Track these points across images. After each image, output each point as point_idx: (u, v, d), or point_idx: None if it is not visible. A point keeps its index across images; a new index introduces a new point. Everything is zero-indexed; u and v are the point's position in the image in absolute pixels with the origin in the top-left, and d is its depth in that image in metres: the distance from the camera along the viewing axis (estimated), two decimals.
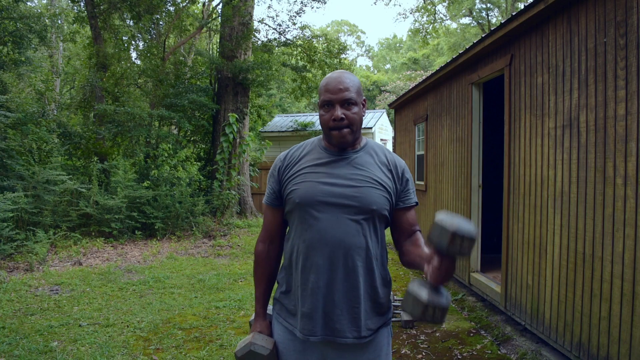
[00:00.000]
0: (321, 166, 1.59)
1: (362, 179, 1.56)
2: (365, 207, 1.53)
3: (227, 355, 3.68)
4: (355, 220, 1.52)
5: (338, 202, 1.52)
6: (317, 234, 1.52)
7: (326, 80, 1.58)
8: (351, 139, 1.57)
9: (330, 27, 50.18)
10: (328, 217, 1.52)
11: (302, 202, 1.55)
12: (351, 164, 1.59)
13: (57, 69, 17.73)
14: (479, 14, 27.95)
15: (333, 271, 1.52)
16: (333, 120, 1.54)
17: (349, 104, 1.54)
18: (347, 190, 1.54)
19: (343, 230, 1.51)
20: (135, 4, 10.90)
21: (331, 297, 1.52)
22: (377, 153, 1.65)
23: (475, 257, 5.19)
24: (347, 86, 1.54)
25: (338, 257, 1.51)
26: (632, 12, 2.67)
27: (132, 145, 11.01)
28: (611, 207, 2.83)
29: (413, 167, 7.90)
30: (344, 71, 1.60)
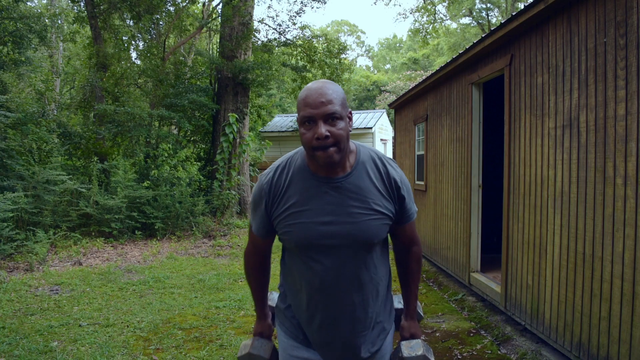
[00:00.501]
0: (312, 200, 1.43)
1: (359, 212, 1.43)
2: (368, 242, 1.46)
3: (227, 355, 3.68)
4: (356, 258, 1.46)
5: (337, 243, 1.43)
6: (319, 277, 1.47)
7: (305, 93, 1.37)
8: (338, 158, 1.37)
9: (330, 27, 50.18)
10: (329, 261, 1.45)
11: (299, 246, 1.46)
12: (344, 192, 1.43)
13: (57, 69, 17.73)
14: (479, 14, 27.95)
15: (338, 309, 1.50)
16: (317, 139, 1.33)
17: (333, 118, 1.34)
18: (346, 228, 1.42)
19: (344, 271, 1.46)
20: (135, 4, 10.90)
21: (341, 333, 1.52)
22: (372, 170, 1.48)
23: (475, 257, 5.19)
24: (330, 98, 1.34)
25: (341, 295, 1.49)
26: (632, 12, 2.67)
27: (132, 145, 11.01)
28: (611, 207, 2.83)
29: (413, 167, 7.90)
30: (325, 81, 1.41)
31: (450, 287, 5.70)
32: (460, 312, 4.87)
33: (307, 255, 1.46)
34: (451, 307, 5.02)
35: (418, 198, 7.57)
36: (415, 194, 7.75)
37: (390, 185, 1.49)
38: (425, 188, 7.07)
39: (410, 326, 1.67)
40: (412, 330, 1.67)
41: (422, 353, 1.54)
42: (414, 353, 1.53)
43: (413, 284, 1.68)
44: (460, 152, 5.50)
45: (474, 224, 5.16)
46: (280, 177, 1.48)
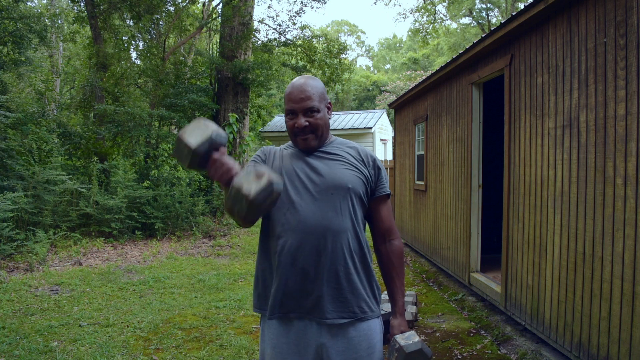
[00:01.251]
0: (295, 158, 1.66)
1: (335, 161, 1.64)
2: (341, 186, 1.59)
3: (227, 355, 3.68)
4: (331, 202, 1.57)
5: (314, 185, 1.58)
6: (296, 218, 1.55)
7: (289, 89, 1.64)
8: (315, 144, 1.64)
9: (330, 27, 50.17)
10: (305, 201, 1.56)
11: (282, 193, 1.56)
12: (324, 156, 1.66)
13: (57, 69, 17.74)
14: (479, 14, 27.95)
15: (312, 253, 1.54)
16: (297, 127, 1.61)
17: (312, 111, 1.61)
18: (323, 170, 1.61)
19: (320, 212, 1.55)
20: (135, 4, 10.90)
21: (311, 278, 1.55)
22: (346, 144, 1.72)
23: (475, 257, 5.19)
24: (309, 94, 1.60)
25: (317, 238, 1.54)
26: (632, 12, 2.67)
27: (132, 145, 11.01)
28: (611, 207, 2.83)
29: (413, 167, 7.90)
30: (307, 77, 1.66)
31: (450, 287, 5.70)
32: (460, 312, 4.87)
33: (287, 195, 1.58)
34: (451, 307, 5.03)
35: (418, 198, 7.57)
36: (415, 194, 7.75)
37: (365, 156, 1.70)
38: (425, 188, 7.07)
39: (400, 324, 1.70)
40: (402, 328, 1.70)
41: (419, 340, 1.58)
42: (410, 341, 1.57)
43: (398, 280, 1.72)
44: (460, 152, 5.50)
45: (474, 224, 5.16)
46: (272, 149, 1.76)
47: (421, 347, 1.56)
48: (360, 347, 1.60)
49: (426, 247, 7.08)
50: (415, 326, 4.40)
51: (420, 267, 7.09)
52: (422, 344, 1.58)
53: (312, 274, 1.55)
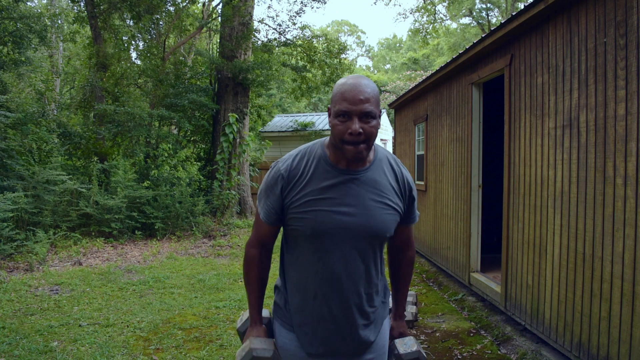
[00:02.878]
0: (331, 190, 1.45)
1: (376, 205, 1.47)
2: (381, 236, 1.50)
3: (227, 355, 3.68)
4: (368, 251, 1.49)
5: (352, 233, 1.45)
6: (329, 267, 1.48)
7: (343, 87, 1.41)
8: (366, 154, 1.43)
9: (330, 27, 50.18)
10: (342, 251, 1.46)
11: (314, 233, 1.45)
12: (363, 185, 1.47)
13: (57, 69, 17.73)
14: (479, 14, 27.94)
15: (345, 300, 1.51)
16: (349, 134, 1.38)
17: (368, 116, 1.39)
18: (363, 219, 1.45)
19: (355, 263, 1.49)
20: (135, 4, 10.89)
21: (345, 325, 1.54)
22: (387, 169, 1.53)
23: (475, 257, 5.19)
24: (368, 97, 1.39)
25: (349, 287, 1.50)
26: (632, 12, 2.67)
27: (132, 145, 11.01)
28: (611, 207, 2.83)
29: (413, 167, 7.90)
30: (361, 77, 1.44)
31: (450, 287, 5.70)
32: (460, 312, 4.87)
33: (320, 244, 1.46)
34: (451, 307, 5.02)
35: (418, 198, 7.56)
36: None
37: (403, 185, 1.55)
38: (425, 188, 7.07)
39: (398, 325, 1.74)
40: (401, 330, 1.74)
41: (417, 349, 1.62)
42: (409, 349, 1.62)
43: (404, 287, 1.75)
44: (460, 152, 5.50)
45: (474, 224, 5.15)
46: (300, 164, 1.49)
47: (418, 357, 1.61)
48: (376, 346, 1.64)
49: (426, 247, 7.08)
50: (416, 326, 4.40)
51: (420, 267, 7.09)
52: (420, 353, 1.62)
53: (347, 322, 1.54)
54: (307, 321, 1.56)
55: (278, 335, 1.65)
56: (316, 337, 1.56)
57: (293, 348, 1.61)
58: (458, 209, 5.58)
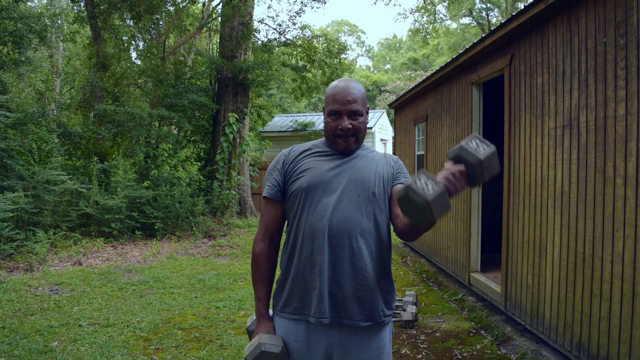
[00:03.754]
0: (326, 157, 1.68)
1: (363, 167, 1.66)
2: (368, 189, 1.61)
3: (227, 355, 3.68)
4: (358, 204, 1.59)
5: (343, 186, 1.60)
6: (322, 217, 1.57)
7: (334, 90, 1.65)
8: (356, 147, 1.68)
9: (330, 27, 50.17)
10: (333, 200, 1.58)
11: (309, 185, 1.61)
12: (352, 159, 1.68)
13: (57, 69, 17.73)
14: (479, 14, 27.94)
15: (338, 253, 1.56)
16: (340, 129, 1.63)
17: (355, 114, 1.63)
18: (350, 174, 1.63)
19: (347, 213, 1.57)
20: (135, 4, 10.89)
21: (337, 279, 1.56)
22: (374, 154, 1.75)
23: (475, 257, 5.19)
24: (355, 97, 1.63)
25: (343, 239, 1.56)
26: (632, 12, 2.67)
27: (132, 145, 11.01)
28: (611, 207, 2.83)
29: (413, 167, 7.90)
30: (350, 80, 1.68)
31: (450, 287, 5.70)
32: (460, 312, 4.87)
33: (315, 196, 1.60)
34: (451, 307, 5.02)
35: None
36: None
37: (390, 159, 1.74)
38: None
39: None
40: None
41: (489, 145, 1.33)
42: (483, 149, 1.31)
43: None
44: None
45: (474, 224, 5.15)
46: (300, 148, 1.75)
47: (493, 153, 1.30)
48: (370, 347, 1.61)
49: (426, 247, 7.08)
50: (415, 326, 4.40)
51: (420, 267, 7.08)
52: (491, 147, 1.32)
53: (335, 275, 1.56)
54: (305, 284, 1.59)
55: (277, 326, 1.67)
56: (317, 294, 1.56)
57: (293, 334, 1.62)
58: (458, 209, 5.58)
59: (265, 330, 1.66)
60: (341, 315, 1.57)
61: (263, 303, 1.70)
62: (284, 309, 1.65)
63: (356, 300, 1.57)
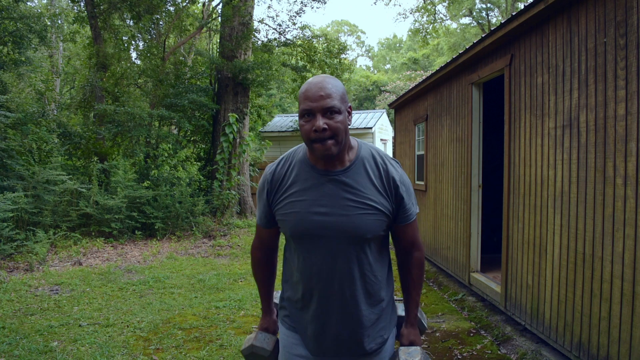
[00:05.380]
0: (308, 191, 1.47)
1: (353, 206, 1.44)
2: (360, 236, 1.45)
3: (227, 355, 3.68)
4: (348, 252, 1.46)
5: (330, 234, 1.44)
6: (311, 267, 1.49)
7: (306, 87, 1.42)
8: (336, 150, 1.41)
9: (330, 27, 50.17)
10: (322, 252, 1.46)
11: (293, 235, 1.49)
12: (340, 186, 1.46)
13: (57, 69, 17.73)
14: (479, 14, 27.94)
15: (330, 301, 1.50)
16: (314, 131, 1.38)
17: (331, 112, 1.39)
18: (339, 220, 1.43)
19: (337, 264, 1.47)
20: (135, 4, 10.90)
21: (332, 325, 1.52)
22: (371, 167, 1.50)
23: (475, 257, 5.19)
24: (329, 92, 1.39)
25: (333, 288, 1.49)
26: (632, 12, 2.67)
27: (132, 145, 11.01)
28: (611, 207, 2.83)
29: (413, 167, 7.90)
30: (326, 75, 1.46)
31: (450, 287, 5.70)
32: (460, 312, 4.87)
33: (302, 245, 1.50)
34: (451, 307, 5.02)
35: (418, 198, 7.57)
36: (415, 194, 7.74)
37: (388, 183, 1.49)
38: (425, 188, 7.07)
39: (409, 333, 1.64)
40: (412, 338, 1.63)
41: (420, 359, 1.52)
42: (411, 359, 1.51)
43: (414, 291, 1.64)
44: (460, 152, 5.50)
45: (474, 224, 5.15)
46: (283, 168, 1.54)
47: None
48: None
49: (426, 247, 7.08)
50: None
51: None
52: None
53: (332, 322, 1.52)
54: (301, 320, 1.59)
55: (281, 333, 1.69)
56: (310, 335, 1.57)
57: (295, 346, 1.62)
58: (458, 209, 5.58)
59: (267, 325, 1.73)
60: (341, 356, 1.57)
61: (265, 300, 1.76)
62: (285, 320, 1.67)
63: (355, 343, 1.55)
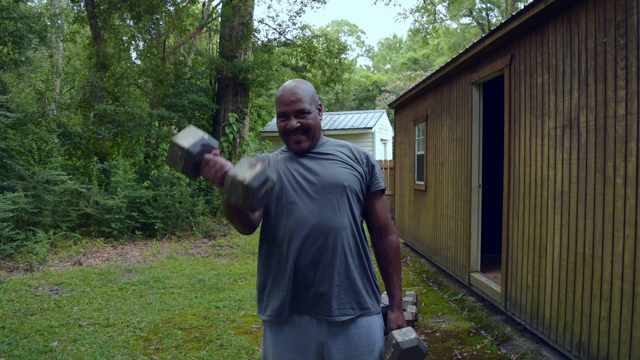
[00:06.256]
0: (290, 161, 1.70)
1: (330, 163, 1.67)
2: (337, 183, 1.62)
3: (227, 355, 3.68)
4: (330, 201, 1.61)
5: (310, 185, 1.62)
6: (296, 218, 1.59)
7: (280, 92, 1.68)
8: (308, 144, 1.68)
9: (330, 27, 50.16)
10: (304, 201, 1.60)
11: (279, 195, 1.63)
12: (317, 156, 1.70)
13: (57, 69, 17.73)
14: (479, 14, 27.94)
15: (314, 251, 1.58)
16: (288, 128, 1.65)
17: (302, 113, 1.64)
18: (319, 173, 1.64)
19: (319, 212, 1.59)
20: (135, 4, 10.90)
21: (313, 276, 1.59)
22: (339, 146, 1.75)
23: (475, 257, 5.19)
24: (300, 97, 1.64)
25: (318, 237, 1.58)
26: (632, 12, 2.67)
27: (132, 145, 11.01)
28: (611, 207, 2.83)
29: (413, 167, 7.90)
30: (298, 80, 1.71)
31: (450, 287, 5.70)
32: (460, 312, 4.87)
33: (287, 201, 1.62)
34: (451, 307, 5.02)
35: (418, 198, 7.57)
36: (415, 194, 7.75)
37: (358, 153, 1.73)
38: (425, 188, 7.07)
39: (397, 318, 1.72)
40: (399, 322, 1.72)
41: (415, 337, 1.58)
42: (407, 337, 1.58)
43: (395, 275, 1.75)
44: (460, 152, 5.50)
45: (474, 224, 5.16)
46: (266, 156, 1.79)
47: (417, 344, 1.57)
48: (360, 344, 1.62)
49: (426, 247, 7.08)
50: (415, 326, 4.40)
51: (420, 267, 7.08)
52: (419, 341, 1.59)
53: (313, 272, 1.59)
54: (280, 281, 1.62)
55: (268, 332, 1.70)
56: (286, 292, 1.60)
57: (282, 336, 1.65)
58: (458, 209, 5.58)
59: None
60: (320, 312, 1.60)
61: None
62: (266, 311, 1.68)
63: (335, 297, 1.60)
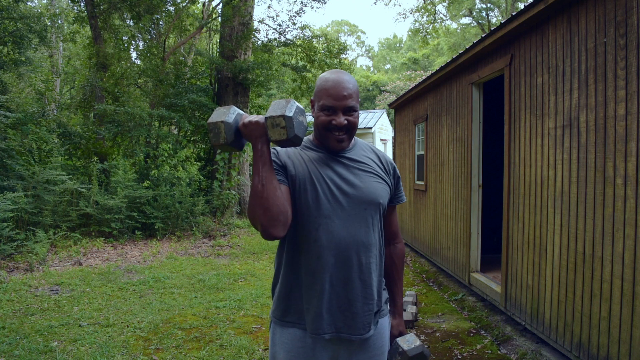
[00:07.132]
0: (321, 164, 1.55)
1: (365, 175, 1.57)
2: (374, 202, 1.55)
3: (227, 355, 3.68)
4: (364, 218, 1.54)
5: (347, 198, 1.52)
6: (330, 235, 1.49)
7: (327, 83, 1.52)
8: (348, 144, 1.58)
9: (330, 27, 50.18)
10: (339, 218, 1.50)
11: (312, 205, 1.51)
12: (348, 162, 1.59)
13: (57, 69, 17.73)
14: (479, 14, 27.94)
15: (346, 269, 1.51)
16: (335, 124, 1.51)
17: (352, 111, 1.53)
18: (354, 183, 1.54)
19: (353, 230, 1.52)
20: (135, 4, 10.89)
21: (345, 295, 1.52)
22: (368, 151, 1.67)
23: (475, 257, 5.19)
24: (351, 92, 1.51)
25: (350, 255, 1.51)
26: (632, 12, 2.67)
27: (132, 145, 11.00)
28: (611, 207, 2.83)
29: (413, 167, 7.90)
30: (342, 72, 1.55)
31: (450, 287, 5.70)
32: (460, 312, 4.87)
33: (320, 214, 1.50)
34: (451, 307, 5.02)
35: (418, 198, 7.57)
36: (415, 194, 7.75)
37: (386, 163, 1.68)
38: (425, 188, 7.07)
39: (398, 324, 1.73)
40: (400, 328, 1.73)
41: (420, 343, 1.64)
42: (413, 345, 1.63)
43: (399, 281, 1.76)
44: (460, 152, 5.50)
45: (474, 224, 5.15)
46: (287, 150, 1.60)
47: (422, 351, 1.61)
48: (375, 345, 1.62)
49: (426, 247, 7.08)
50: (415, 326, 4.40)
51: (420, 267, 7.08)
52: (424, 347, 1.62)
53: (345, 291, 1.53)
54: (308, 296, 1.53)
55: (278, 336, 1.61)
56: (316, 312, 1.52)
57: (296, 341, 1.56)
58: (458, 209, 5.58)
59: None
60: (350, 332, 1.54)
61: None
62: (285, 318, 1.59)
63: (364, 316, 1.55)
